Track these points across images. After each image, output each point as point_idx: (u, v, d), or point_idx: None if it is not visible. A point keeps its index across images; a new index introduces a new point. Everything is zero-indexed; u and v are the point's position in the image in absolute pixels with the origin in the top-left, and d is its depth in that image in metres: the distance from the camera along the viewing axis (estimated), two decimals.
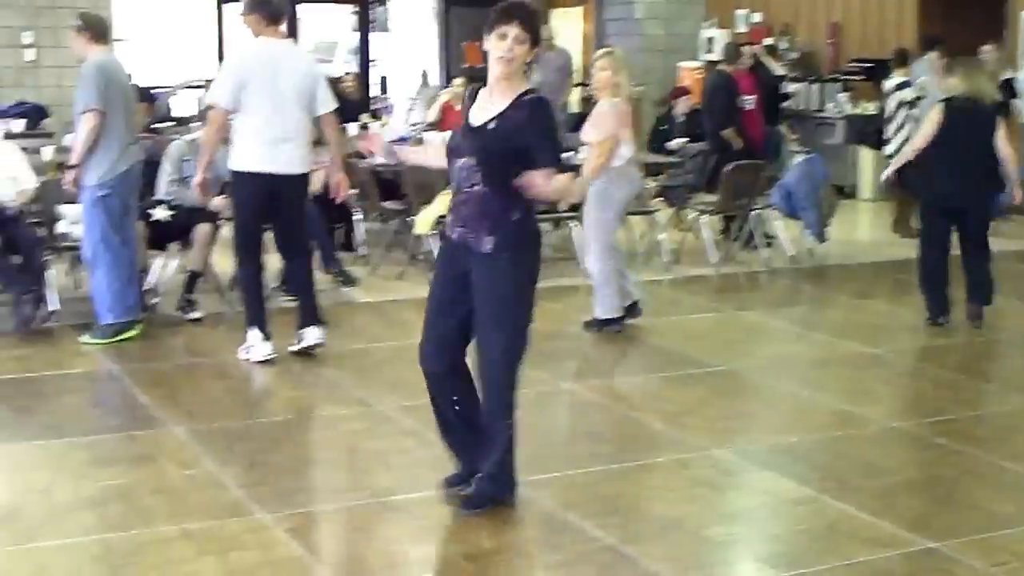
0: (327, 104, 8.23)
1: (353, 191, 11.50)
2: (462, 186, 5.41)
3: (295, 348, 8.28)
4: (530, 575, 5.12)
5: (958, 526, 5.64)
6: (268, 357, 8.17)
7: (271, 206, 8.11)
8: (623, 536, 5.45)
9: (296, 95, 8.04)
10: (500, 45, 5.30)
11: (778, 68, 16.05)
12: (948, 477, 6.40)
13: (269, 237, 8.36)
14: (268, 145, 7.95)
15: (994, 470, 6.44)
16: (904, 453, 6.87)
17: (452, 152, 5.47)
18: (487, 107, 5.42)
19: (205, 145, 8.28)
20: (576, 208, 10.20)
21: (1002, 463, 6.50)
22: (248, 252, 8.17)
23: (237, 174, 8.09)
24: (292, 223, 8.28)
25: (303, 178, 8.27)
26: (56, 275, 9.57)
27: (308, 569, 5.14)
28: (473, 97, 5.54)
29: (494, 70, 5.35)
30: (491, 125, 5.36)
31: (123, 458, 6.48)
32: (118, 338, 8.70)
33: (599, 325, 9.10)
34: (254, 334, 8.17)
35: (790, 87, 16.76)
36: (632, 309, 9.21)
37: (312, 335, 8.31)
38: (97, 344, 8.60)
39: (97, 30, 8.80)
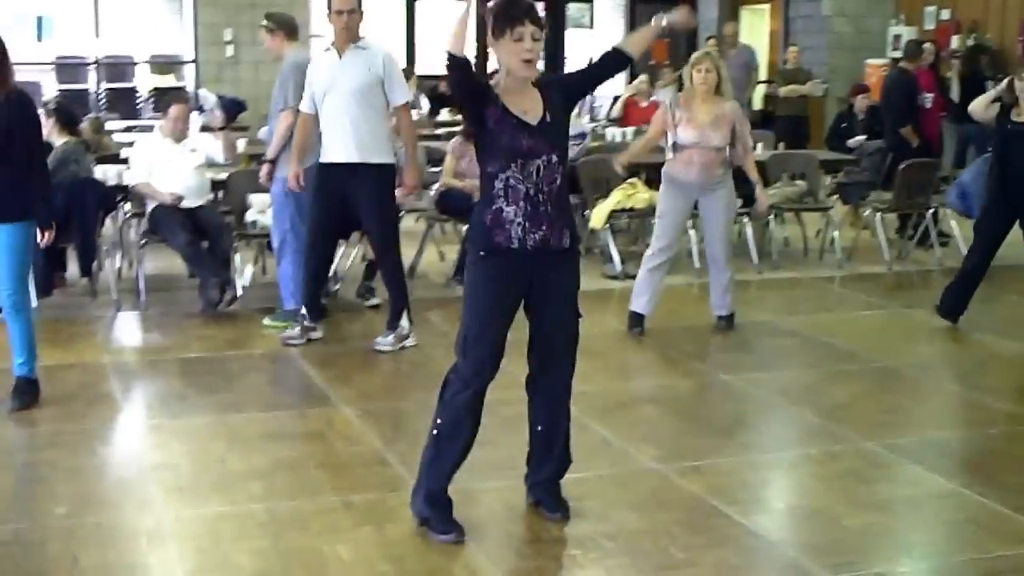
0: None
1: None
2: (542, 186, 5.17)
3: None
4: (669, 555, 5.29)
5: None
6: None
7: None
8: (765, 523, 5.63)
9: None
10: (519, 47, 5.12)
11: (985, 68, 15.94)
12: None
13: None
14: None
15: None
16: None
17: (524, 154, 5.16)
18: (526, 105, 5.20)
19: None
20: None
21: None
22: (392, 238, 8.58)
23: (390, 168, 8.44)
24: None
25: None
26: (242, 261, 10.02)
27: (457, 544, 5.39)
28: (491, 98, 5.22)
29: (520, 71, 5.16)
30: (548, 119, 5.19)
31: (294, 433, 6.86)
32: None
33: (729, 321, 9.24)
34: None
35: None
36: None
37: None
38: (278, 327, 8.95)
39: (288, 28, 9.11)
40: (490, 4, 5.26)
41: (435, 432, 5.44)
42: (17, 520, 5.61)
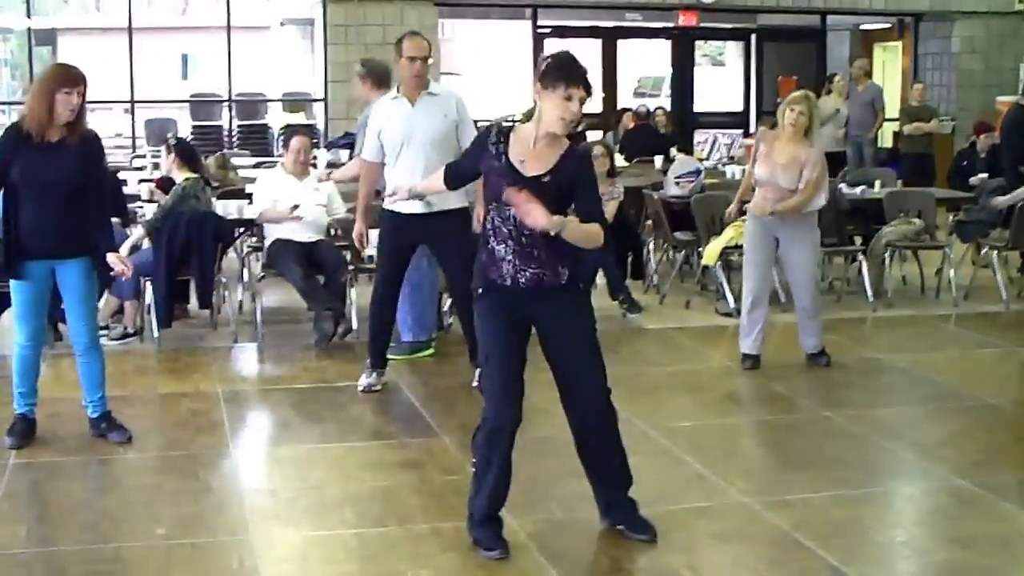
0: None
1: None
2: (523, 230, 5.37)
3: None
4: None
5: None
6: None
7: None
8: (845, 557, 5.65)
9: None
10: (566, 107, 5.30)
11: None
12: None
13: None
14: None
15: None
16: None
17: (502, 200, 5.39)
18: (534, 156, 5.42)
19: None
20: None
21: None
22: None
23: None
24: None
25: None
26: (360, 295, 10.24)
27: (541, 569, 5.50)
28: (502, 140, 5.52)
29: (554, 126, 5.36)
30: (546, 179, 5.39)
31: (392, 462, 7.02)
32: (415, 355, 9.27)
33: (822, 356, 9.24)
34: None
35: None
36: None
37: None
38: (395, 359, 9.10)
39: (377, 76, 9.34)
40: (549, 55, 5.50)
41: (472, 468, 5.74)
42: (120, 539, 5.89)
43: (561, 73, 5.32)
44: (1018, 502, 6.42)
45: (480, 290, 5.54)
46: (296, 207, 9.72)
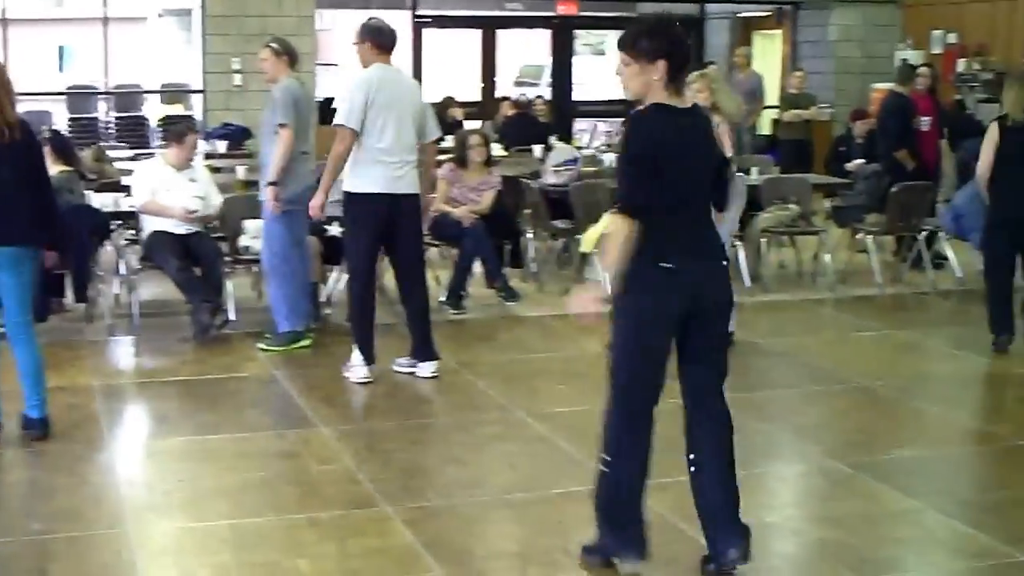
0: (434, 132, 8.49)
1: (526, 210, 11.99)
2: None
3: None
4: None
5: None
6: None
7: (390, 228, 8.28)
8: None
9: (412, 120, 8.24)
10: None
11: None
12: None
13: None
14: (391, 168, 8.14)
15: None
16: None
17: None
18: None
19: (334, 164, 8.26)
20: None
21: None
22: (367, 274, 8.43)
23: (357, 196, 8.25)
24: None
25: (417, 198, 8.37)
26: (237, 286, 10.16)
27: (418, 556, 5.51)
28: None
29: None
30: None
31: (268, 453, 6.99)
32: (293, 346, 9.19)
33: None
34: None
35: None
36: None
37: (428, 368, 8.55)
38: (272, 351, 9.09)
39: (292, 56, 9.23)
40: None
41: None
42: None
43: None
44: (888, 482, 6.53)
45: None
46: (194, 212, 9.66)
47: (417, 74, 18.99)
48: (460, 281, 10.48)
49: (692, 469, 5.40)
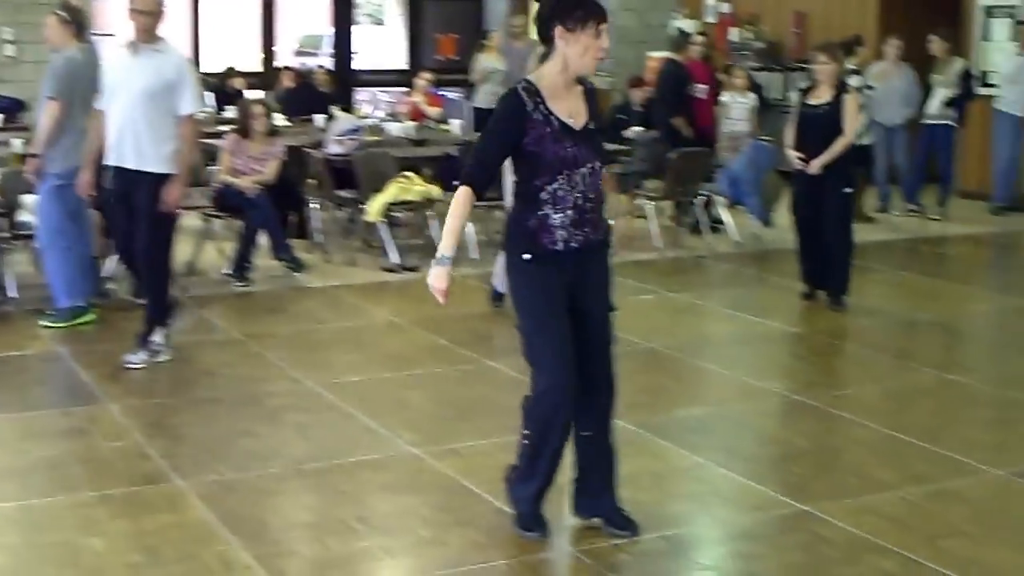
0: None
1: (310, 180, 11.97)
2: (589, 192, 5.20)
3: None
4: (417, 535, 5.48)
5: (834, 491, 6.04)
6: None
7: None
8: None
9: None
10: (596, 44, 5.10)
11: None
12: (836, 446, 6.83)
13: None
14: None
15: (883, 439, 6.82)
16: (800, 424, 7.24)
17: (567, 163, 5.13)
18: (572, 108, 5.19)
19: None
20: None
21: (893, 433, 6.87)
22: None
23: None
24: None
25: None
26: (17, 262, 9.95)
27: (213, 530, 5.50)
28: (535, 96, 5.14)
29: (589, 68, 5.17)
30: (591, 126, 5.23)
31: (56, 432, 6.88)
32: (76, 321, 9.02)
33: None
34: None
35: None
36: None
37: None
38: (54, 327, 8.92)
39: (80, 25, 8.98)
40: None
41: (524, 446, 5.52)
42: None
43: (586, 10, 5.09)
44: (672, 439, 6.74)
45: (529, 257, 5.23)
46: None
47: (196, 44, 18.75)
48: (245, 253, 10.43)
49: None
